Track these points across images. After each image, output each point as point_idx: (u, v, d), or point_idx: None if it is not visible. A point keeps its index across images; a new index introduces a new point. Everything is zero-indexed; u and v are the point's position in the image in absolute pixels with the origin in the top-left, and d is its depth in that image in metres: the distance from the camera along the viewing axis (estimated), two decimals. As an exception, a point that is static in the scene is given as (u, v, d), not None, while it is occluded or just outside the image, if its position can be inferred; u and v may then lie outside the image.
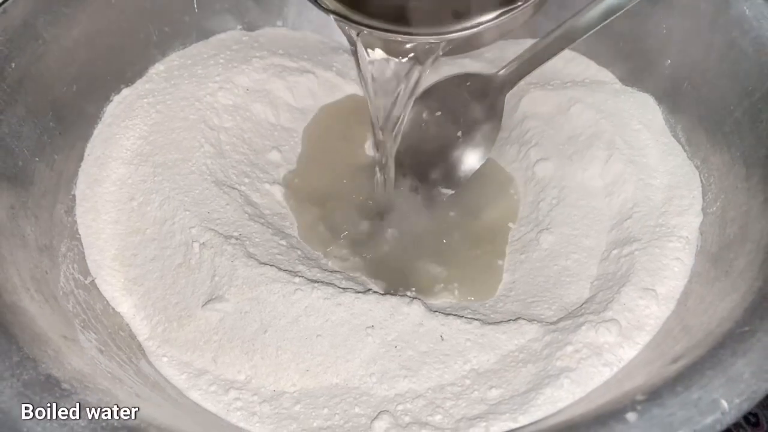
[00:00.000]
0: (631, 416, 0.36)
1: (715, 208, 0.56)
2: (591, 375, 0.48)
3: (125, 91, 0.70)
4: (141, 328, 0.56)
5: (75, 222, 0.60)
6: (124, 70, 0.70)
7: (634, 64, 0.70)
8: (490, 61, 0.77)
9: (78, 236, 0.60)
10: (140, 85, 0.71)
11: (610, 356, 0.49)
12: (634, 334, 0.50)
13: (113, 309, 0.57)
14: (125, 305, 0.58)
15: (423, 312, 0.55)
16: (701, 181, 0.59)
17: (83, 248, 0.59)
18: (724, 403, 0.35)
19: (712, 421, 0.35)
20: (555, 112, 0.69)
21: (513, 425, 0.46)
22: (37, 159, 0.58)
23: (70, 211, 0.61)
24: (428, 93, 0.72)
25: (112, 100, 0.69)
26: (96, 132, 0.67)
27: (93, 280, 0.58)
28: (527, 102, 0.71)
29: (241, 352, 0.54)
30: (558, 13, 0.76)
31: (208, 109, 0.69)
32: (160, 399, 0.47)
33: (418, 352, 0.53)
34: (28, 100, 0.58)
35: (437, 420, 0.49)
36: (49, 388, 0.38)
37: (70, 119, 0.63)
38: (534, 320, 0.55)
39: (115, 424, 0.37)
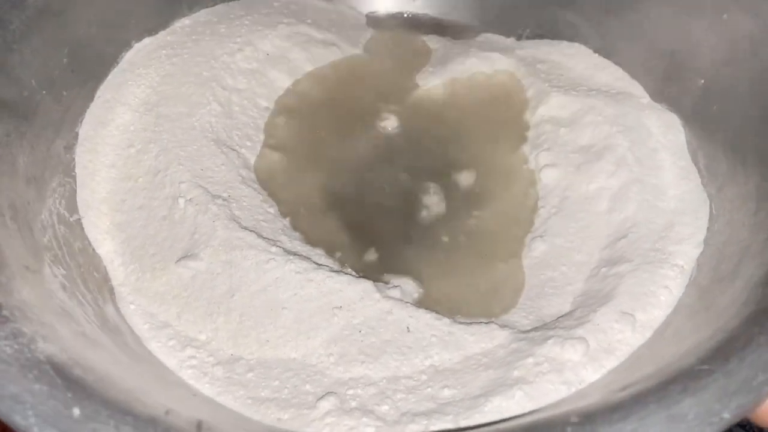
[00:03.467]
0: (558, 437, 0.34)
1: (717, 241, 0.53)
2: (546, 391, 0.46)
3: (147, 40, 0.70)
4: (116, 273, 0.57)
5: (73, 159, 0.61)
6: (149, 19, 0.71)
7: (668, 81, 0.67)
8: (521, 58, 0.75)
9: (73, 174, 0.60)
10: (162, 37, 0.71)
11: (571, 375, 0.47)
12: (602, 356, 0.48)
13: (93, 250, 0.57)
14: (105, 248, 0.58)
15: (394, 300, 0.54)
16: (711, 211, 0.56)
17: (76, 186, 0.60)
18: (658, 441, 0.33)
19: (640, 458, 0.33)
20: (573, 118, 0.66)
21: (452, 427, 0.44)
22: (44, 92, 0.58)
23: (70, 148, 0.61)
24: None
25: (132, 47, 0.69)
26: (111, 76, 0.67)
27: (79, 219, 0.58)
28: (548, 105, 0.68)
29: (205, 313, 0.54)
30: (601, 17, 0.73)
31: (223, 69, 0.68)
32: (110, 344, 0.47)
33: (381, 339, 0.52)
34: (45, 33, 0.59)
35: (383, 410, 0.47)
36: (-15, 311, 0.38)
37: (85, 58, 0.64)
38: (506, 326, 0.53)
39: (41, 357, 0.37)
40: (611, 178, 0.60)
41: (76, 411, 0.34)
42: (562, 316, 0.53)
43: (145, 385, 0.43)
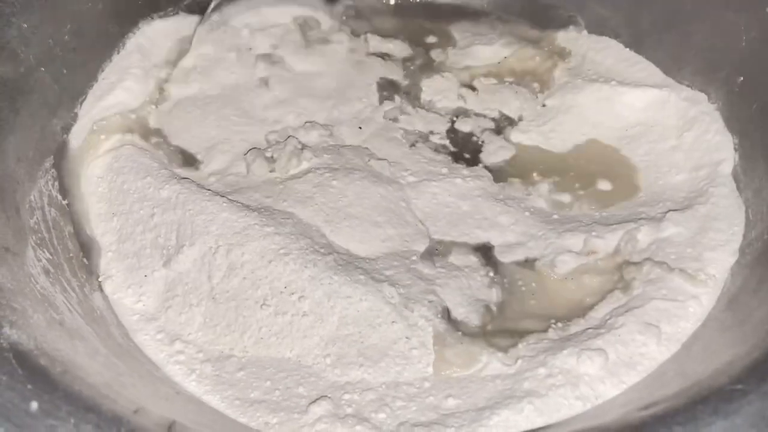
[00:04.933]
0: (567, 459, 0.30)
1: (753, 250, 0.48)
2: (558, 406, 0.42)
3: (157, 23, 0.68)
4: (107, 260, 0.54)
5: (69, 140, 0.58)
6: (157, -1, 0.68)
7: (703, 77, 0.62)
8: (547, 49, 0.71)
9: (69, 155, 0.58)
10: (173, 22, 0.69)
11: (587, 390, 0.42)
12: (622, 371, 0.43)
13: (88, 235, 0.55)
14: (99, 234, 0.55)
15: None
16: (748, 217, 0.51)
17: (71, 168, 0.57)
18: (684, 469, 0.29)
19: (663, 488, 0.28)
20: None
21: (453, 441, 0.40)
22: (42, 69, 0.56)
23: (67, 128, 0.59)
24: None
25: (140, 28, 0.67)
26: (117, 58, 0.65)
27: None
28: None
29: (200, 307, 0.50)
30: (632, 9, 0.69)
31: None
32: (91, 335, 0.44)
33: (383, 341, 0.48)
34: (46, 8, 0.56)
35: (380, 418, 0.44)
36: (-50, 293, 0.36)
37: (89, 36, 0.61)
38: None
39: (4, 344, 0.34)
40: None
41: (34, 405, 0.31)
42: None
43: (122, 381, 0.40)
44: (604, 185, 0.60)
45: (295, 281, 0.50)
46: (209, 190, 0.54)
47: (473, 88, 0.68)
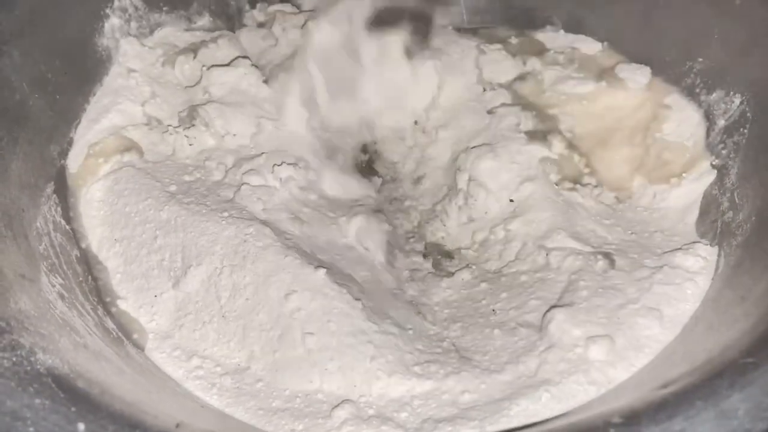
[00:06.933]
0: (601, 440, 0.31)
1: (743, 231, 0.51)
2: (574, 392, 0.43)
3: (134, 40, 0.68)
4: (116, 282, 0.54)
5: (67, 165, 0.58)
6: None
7: (680, 68, 0.65)
8: (522, 50, 0.73)
9: (68, 180, 0.58)
10: (156, 38, 0.69)
11: (599, 375, 0.44)
12: (630, 355, 0.45)
13: (91, 258, 0.55)
14: (104, 256, 0.55)
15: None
16: (734, 199, 0.54)
17: (72, 192, 0.57)
18: (710, 440, 0.31)
19: (692, 459, 0.30)
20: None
21: (479, 433, 0.42)
22: (36, 96, 0.56)
23: (65, 153, 0.59)
24: None
25: (121, 46, 0.67)
26: (108, 79, 0.65)
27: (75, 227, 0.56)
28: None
29: (213, 324, 0.51)
30: (606, 6, 0.71)
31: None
32: (113, 355, 0.45)
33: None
34: (36, 35, 0.56)
35: (402, 417, 0.45)
36: (-19, 322, 0.36)
37: (79, 60, 0.61)
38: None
39: (41, 370, 0.34)
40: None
41: (81, 426, 0.32)
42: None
43: (152, 398, 0.41)
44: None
45: (293, 304, 0.50)
46: (207, 206, 0.55)
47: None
